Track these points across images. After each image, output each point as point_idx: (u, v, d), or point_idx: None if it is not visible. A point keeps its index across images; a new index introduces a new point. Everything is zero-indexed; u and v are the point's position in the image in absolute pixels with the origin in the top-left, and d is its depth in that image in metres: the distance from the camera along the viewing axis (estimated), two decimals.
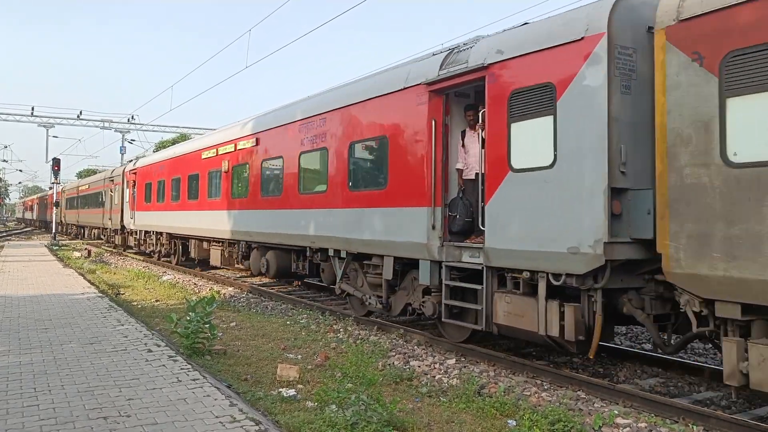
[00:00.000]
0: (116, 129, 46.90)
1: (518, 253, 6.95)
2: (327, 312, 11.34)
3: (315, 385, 6.51)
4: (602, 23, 6.09)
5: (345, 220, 10.21)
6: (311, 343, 8.72)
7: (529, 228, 6.83)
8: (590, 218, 6.14)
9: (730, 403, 6.38)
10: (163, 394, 5.57)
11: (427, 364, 7.68)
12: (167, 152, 21.90)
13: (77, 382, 5.92)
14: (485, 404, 5.85)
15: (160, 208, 21.07)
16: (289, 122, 12.41)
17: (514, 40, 7.33)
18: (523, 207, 6.90)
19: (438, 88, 8.36)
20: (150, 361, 6.81)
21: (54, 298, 11.92)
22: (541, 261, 6.68)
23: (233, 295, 14.41)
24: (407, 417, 5.47)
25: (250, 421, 4.87)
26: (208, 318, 7.78)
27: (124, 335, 8.27)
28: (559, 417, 5.33)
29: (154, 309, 11.99)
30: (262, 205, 13.47)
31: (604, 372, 7.60)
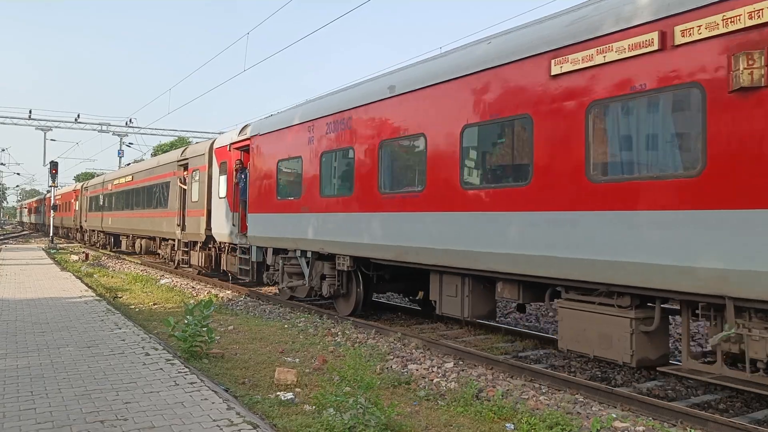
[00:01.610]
0: (114, 132, 46.93)
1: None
2: (325, 316, 11.34)
3: (313, 388, 6.50)
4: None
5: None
6: (309, 347, 8.71)
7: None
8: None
9: (728, 406, 6.38)
10: (160, 398, 5.55)
11: (425, 368, 7.68)
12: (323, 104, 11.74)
13: (74, 386, 5.91)
14: (483, 408, 5.85)
15: (324, 208, 11.15)
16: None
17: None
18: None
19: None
20: (147, 365, 6.79)
21: (51, 301, 11.89)
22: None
23: (231, 299, 14.40)
24: (405, 421, 5.46)
25: (247, 425, 4.86)
26: (206, 321, 7.77)
27: (122, 339, 8.26)
28: (557, 420, 5.33)
29: (152, 312, 11.97)
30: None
31: (602, 375, 7.60)
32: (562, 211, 6.74)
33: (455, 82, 8.29)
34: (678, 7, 5.67)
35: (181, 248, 19.84)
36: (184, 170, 19.50)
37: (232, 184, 15.13)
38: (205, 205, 16.92)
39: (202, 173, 17.49)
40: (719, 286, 5.27)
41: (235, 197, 14.86)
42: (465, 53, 8.48)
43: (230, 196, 15.18)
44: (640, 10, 6.05)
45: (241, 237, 14.45)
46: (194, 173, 18.25)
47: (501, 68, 7.60)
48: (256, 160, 13.81)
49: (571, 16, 6.98)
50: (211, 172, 16.79)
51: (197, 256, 18.02)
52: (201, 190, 17.43)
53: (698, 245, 5.41)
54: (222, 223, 15.61)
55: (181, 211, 19.41)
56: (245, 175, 14.31)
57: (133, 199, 26.41)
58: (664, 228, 5.70)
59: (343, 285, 11.09)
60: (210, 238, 16.83)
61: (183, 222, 19.27)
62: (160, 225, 21.82)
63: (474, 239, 7.85)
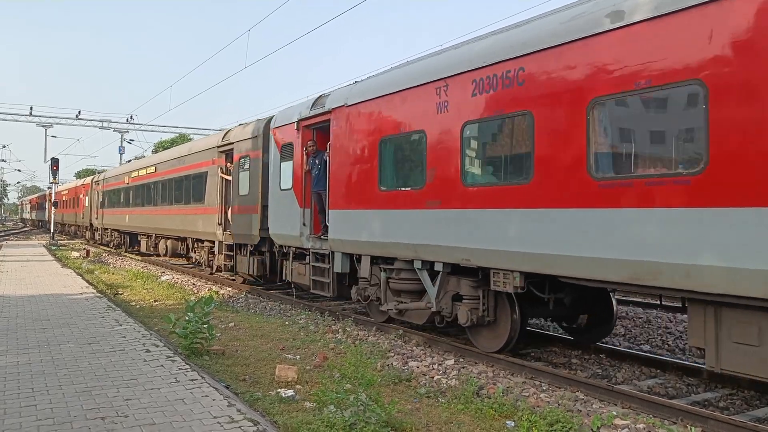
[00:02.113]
0: (115, 129, 46.89)
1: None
2: (326, 313, 11.34)
3: (313, 385, 6.51)
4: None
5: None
6: (310, 344, 8.72)
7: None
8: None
9: (728, 404, 6.39)
10: (161, 395, 5.56)
11: (425, 365, 7.68)
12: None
13: (75, 383, 5.91)
14: (484, 405, 5.85)
15: (473, 202, 7.81)
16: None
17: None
18: None
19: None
20: (148, 362, 6.80)
21: (52, 298, 11.91)
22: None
23: (232, 296, 14.40)
24: (406, 418, 5.47)
25: (248, 422, 4.87)
26: (207, 318, 7.77)
27: (123, 335, 8.26)
28: (557, 418, 5.33)
29: (153, 309, 11.98)
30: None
31: (602, 373, 7.60)
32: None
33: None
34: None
35: (223, 252, 15.97)
36: (226, 158, 16.13)
37: (300, 173, 11.59)
38: (259, 200, 13.62)
39: (254, 160, 14.08)
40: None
41: (305, 189, 11.46)
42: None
43: (298, 188, 11.65)
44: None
45: (314, 240, 11.16)
46: (242, 161, 14.70)
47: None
48: (341, 139, 10.23)
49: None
50: (268, 158, 13.29)
51: (247, 262, 14.54)
52: (253, 181, 14.05)
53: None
54: (285, 221, 12.13)
55: (222, 207, 16.11)
56: (321, 160, 11.07)
57: (156, 193, 22.61)
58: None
59: (490, 311, 8.01)
60: (265, 240, 13.48)
61: (225, 220, 16.00)
62: (194, 224, 18.10)
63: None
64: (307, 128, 11.66)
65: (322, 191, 11.09)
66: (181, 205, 19.58)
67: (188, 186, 18.93)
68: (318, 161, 11.19)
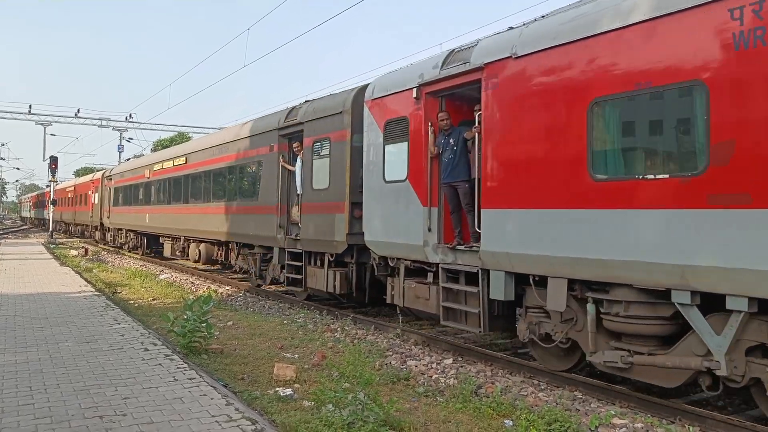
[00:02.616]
0: (114, 127, 46.82)
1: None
2: (324, 311, 11.33)
3: (312, 384, 6.51)
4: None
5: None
6: (308, 343, 8.71)
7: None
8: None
9: (726, 403, 6.39)
10: (159, 393, 5.55)
11: (424, 364, 7.68)
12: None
13: (73, 381, 5.90)
14: (482, 404, 5.85)
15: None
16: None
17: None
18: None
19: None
20: (146, 360, 6.79)
21: (50, 296, 11.89)
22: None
23: (230, 295, 14.40)
24: (404, 417, 5.46)
25: (246, 421, 4.86)
26: (205, 317, 7.77)
27: (121, 334, 8.25)
28: (555, 417, 5.34)
29: (151, 308, 11.97)
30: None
31: (601, 373, 7.60)
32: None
33: None
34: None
35: (285, 261, 12.65)
36: (290, 143, 12.95)
37: (423, 158, 8.56)
38: (346, 195, 10.59)
39: (338, 144, 10.92)
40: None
41: (431, 181, 8.50)
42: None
43: (419, 179, 8.66)
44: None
45: (447, 252, 8.22)
46: (318, 145, 11.53)
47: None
48: (506, 107, 7.25)
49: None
50: (360, 140, 10.24)
51: (324, 276, 11.25)
52: (335, 172, 10.96)
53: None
54: (394, 225, 9.14)
55: (284, 206, 12.97)
56: (458, 139, 8.15)
57: (188, 188, 19.05)
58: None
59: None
60: (353, 248, 10.64)
61: (287, 222, 12.88)
62: (243, 225, 14.70)
63: None
64: (432, 96, 8.60)
65: (459, 183, 8.16)
66: (222, 203, 16.13)
67: (234, 179, 15.60)
68: (453, 141, 8.16)
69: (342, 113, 10.88)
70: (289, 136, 12.85)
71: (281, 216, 12.89)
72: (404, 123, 8.99)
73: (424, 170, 8.57)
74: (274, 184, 13.13)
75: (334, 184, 10.98)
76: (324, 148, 11.39)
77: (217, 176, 16.72)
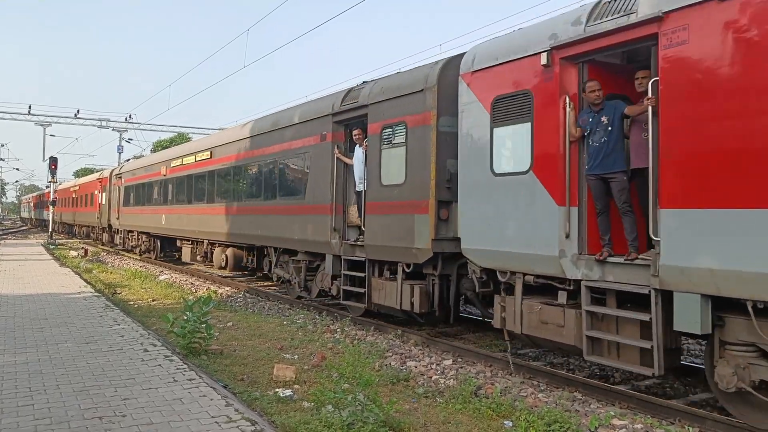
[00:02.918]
0: (114, 128, 46.86)
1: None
2: (324, 312, 11.33)
3: (311, 385, 6.51)
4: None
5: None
6: (308, 344, 8.71)
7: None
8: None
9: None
10: (158, 394, 5.55)
11: (423, 365, 7.68)
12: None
13: (73, 382, 5.90)
14: (482, 405, 5.85)
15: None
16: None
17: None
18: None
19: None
20: (146, 361, 6.79)
21: (50, 297, 11.89)
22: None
23: (230, 295, 14.40)
24: (404, 418, 5.46)
25: (246, 422, 4.86)
26: (205, 318, 7.77)
27: (121, 335, 8.25)
28: (555, 418, 5.34)
29: (151, 309, 11.97)
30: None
31: (600, 373, 7.60)
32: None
33: None
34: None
35: (342, 270, 10.72)
36: (346, 130, 11.09)
37: (556, 143, 6.72)
38: (431, 193, 8.53)
39: (418, 129, 8.89)
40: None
41: (569, 172, 6.64)
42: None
43: (551, 170, 6.79)
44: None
45: (593, 266, 6.47)
46: (389, 132, 9.56)
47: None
48: (713, 68, 5.38)
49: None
50: (450, 123, 8.49)
51: (397, 291, 9.25)
52: (414, 163, 8.96)
53: None
54: (508, 229, 7.32)
55: (339, 205, 10.96)
56: (612, 117, 6.40)
57: (213, 186, 17.07)
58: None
59: None
60: (438, 256, 8.66)
61: (343, 224, 10.91)
62: (285, 228, 12.56)
63: None
64: (570, 62, 6.75)
65: (615, 175, 6.39)
66: (256, 202, 14.13)
67: (271, 176, 13.49)
68: (607, 120, 6.40)
69: (423, 92, 8.83)
70: (347, 123, 10.92)
71: (336, 217, 10.89)
72: (525, 98, 7.09)
73: (559, 158, 6.62)
74: (326, 180, 11.11)
75: (411, 179, 8.97)
76: (397, 134, 9.38)
77: (250, 172, 14.69)
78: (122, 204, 27.57)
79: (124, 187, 27.36)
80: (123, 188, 27.56)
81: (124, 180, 27.48)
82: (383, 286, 9.66)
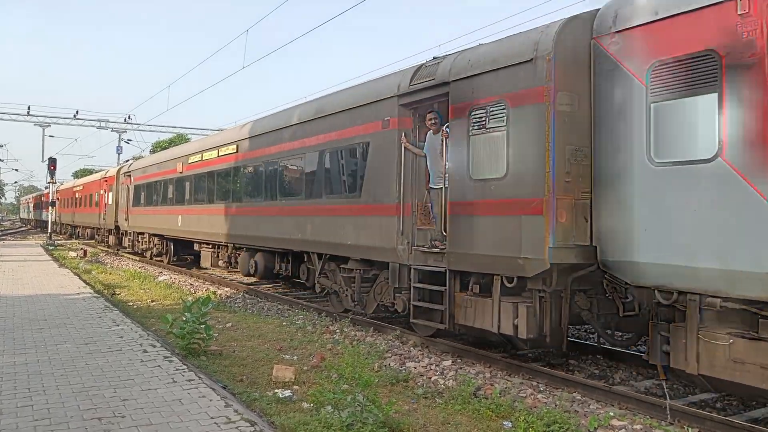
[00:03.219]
0: (113, 129, 46.84)
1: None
2: (323, 313, 11.32)
3: (311, 386, 6.51)
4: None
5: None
6: (307, 344, 8.71)
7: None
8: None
9: (725, 405, 6.39)
10: (158, 395, 5.55)
11: (423, 366, 7.68)
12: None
13: (72, 383, 5.90)
14: (481, 406, 5.85)
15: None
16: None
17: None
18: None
19: None
20: (145, 362, 6.79)
21: (49, 298, 11.88)
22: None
23: (229, 296, 14.39)
24: (403, 418, 5.47)
25: (245, 422, 4.86)
26: (204, 319, 7.76)
27: (120, 336, 8.25)
28: (554, 419, 5.34)
29: (150, 309, 11.96)
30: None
31: (600, 374, 7.61)
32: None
33: None
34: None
35: (413, 282, 8.80)
36: (415, 115, 9.32)
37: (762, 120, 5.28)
38: (547, 188, 6.76)
39: (525, 110, 7.15)
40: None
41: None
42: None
43: (758, 155, 5.29)
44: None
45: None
46: (480, 114, 7.74)
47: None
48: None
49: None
50: (569, 100, 6.85)
51: (496, 311, 7.53)
52: (520, 151, 7.21)
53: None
54: (684, 236, 5.77)
55: (408, 205, 9.10)
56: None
57: (239, 184, 15.27)
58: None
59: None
60: (553, 268, 6.82)
61: (412, 227, 9.04)
62: (336, 231, 10.73)
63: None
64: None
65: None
66: (297, 201, 12.16)
67: (317, 170, 11.60)
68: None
69: (533, 62, 7.00)
70: (416, 106, 9.13)
71: (404, 219, 8.96)
72: (706, 61, 5.59)
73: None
74: (389, 175, 9.25)
75: (516, 172, 7.20)
76: (493, 116, 7.53)
77: (286, 168, 12.85)
78: (132, 204, 25.56)
79: (134, 185, 25.35)
80: (133, 187, 25.54)
81: (134, 178, 25.45)
82: (472, 303, 7.83)
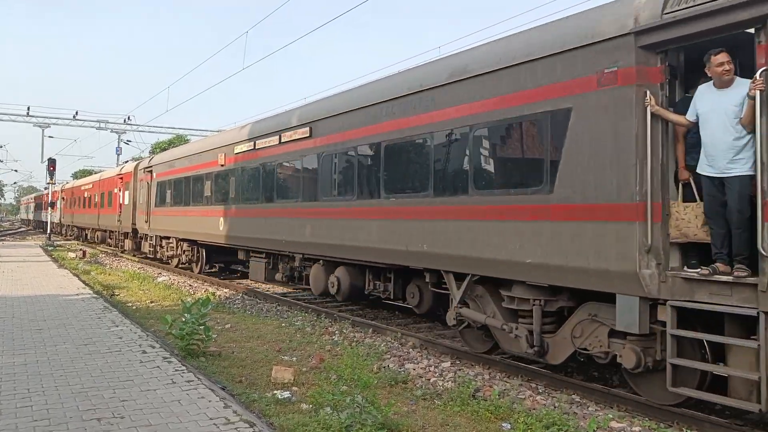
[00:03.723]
0: (112, 129, 46.83)
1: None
2: (322, 314, 11.33)
3: (310, 387, 6.51)
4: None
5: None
6: (306, 346, 8.71)
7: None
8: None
9: (723, 407, 6.39)
10: (157, 396, 5.55)
11: (422, 367, 7.68)
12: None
13: (71, 383, 5.90)
14: (480, 407, 5.85)
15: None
16: None
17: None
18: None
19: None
20: (144, 363, 6.79)
21: (48, 298, 11.87)
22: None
23: (228, 297, 14.39)
24: (402, 420, 5.47)
25: (244, 423, 4.86)
26: (203, 319, 7.77)
27: (119, 336, 8.25)
28: (553, 420, 5.34)
29: (149, 310, 11.96)
30: None
31: (599, 376, 7.61)
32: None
33: None
34: None
35: (669, 328, 5.48)
36: (665, 63, 5.77)
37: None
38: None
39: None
40: None
41: None
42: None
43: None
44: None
45: None
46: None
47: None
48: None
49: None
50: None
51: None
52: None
53: None
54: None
55: (658, 205, 5.70)
56: None
57: (320, 177, 11.41)
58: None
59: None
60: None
61: (664, 240, 5.67)
62: (496, 243, 7.24)
63: None
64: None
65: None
66: (422, 200, 8.56)
67: (454, 155, 8.14)
68: None
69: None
70: (673, 47, 5.73)
71: (652, 227, 5.63)
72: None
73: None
74: (617, 158, 5.88)
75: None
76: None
77: (399, 153, 9.20)
78: (155, 204, 21.79)
79: (157, 182, 21.61)
80: (156, 184, 21.86)
81: (156, 174, 21.77)
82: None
